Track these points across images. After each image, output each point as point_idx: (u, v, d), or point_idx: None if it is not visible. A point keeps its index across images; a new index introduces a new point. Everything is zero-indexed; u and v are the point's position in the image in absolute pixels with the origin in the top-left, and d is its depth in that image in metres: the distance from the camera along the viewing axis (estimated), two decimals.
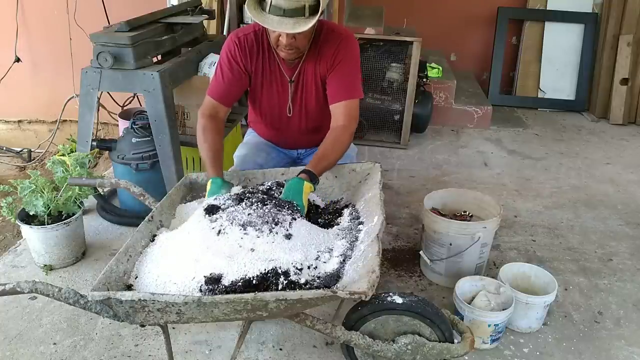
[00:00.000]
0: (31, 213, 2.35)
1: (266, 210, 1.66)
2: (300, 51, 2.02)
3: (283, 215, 1.66)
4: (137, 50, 2.49)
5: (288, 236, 1.60)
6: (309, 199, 1.88)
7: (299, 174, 1.87)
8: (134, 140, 2.69)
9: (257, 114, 2.32)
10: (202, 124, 2.06)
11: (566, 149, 4.04)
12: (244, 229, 1.60)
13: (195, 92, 2.85)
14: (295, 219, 1.67)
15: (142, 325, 1.60)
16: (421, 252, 2.32)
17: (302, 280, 1.50)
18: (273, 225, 1.61)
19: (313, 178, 1.86)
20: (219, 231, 1.61)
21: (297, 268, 1.52)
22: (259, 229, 1.59)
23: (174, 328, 2.02)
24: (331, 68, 2.06)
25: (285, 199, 1.76)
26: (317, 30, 2.06)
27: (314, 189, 1.86)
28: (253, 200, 1.71)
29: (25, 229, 2.35)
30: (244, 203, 1.70)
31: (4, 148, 4.57)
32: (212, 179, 1.90)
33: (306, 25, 1.81)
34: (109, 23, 3.66)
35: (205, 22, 3.30)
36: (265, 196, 1.76)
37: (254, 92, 2.20)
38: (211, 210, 1.71)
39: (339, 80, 2.07)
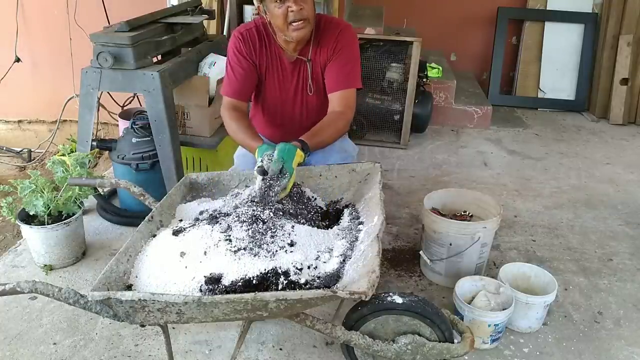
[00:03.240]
0: (31, 213, 2.35)
1: (261, 229, 1.63)
2: (309, 26, 2.01)
3: (282, 224, 1.66)
4: (137, 50, 2.49)
5: (291, 244, 1.61)
6: (308, 196, 1.88)
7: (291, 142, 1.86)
8: (134, 140, 2.69)
9: (258, 110, 2.33)
10: (228, 115, 2.10)
11: (566, 149, 4.04)
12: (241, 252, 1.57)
13: (195, 92, 2.85)
14: (294, 226, 1.67)
15: (142, 325, 1.60)
16: (421, 252, 2.32)
17: (302, 280, 1.50)
18: (270, 244, 1.59)
19: (305, 148, 1.86)
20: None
21: (297, 268, 1.52)
22: (256, 253, 1.55)
23: (174, 328, 2.02)
24: (332, 56, 2.09)
25: (279, 159, 1.76)
26: (316, 22, 2.09)
27: (304, 160, 1.86)
28: (243, 220, 1.67)
29: (25, 229, 2.35)
30: (237, 224, 1.66)
31: (4, 148, 4.57)
32: (259, 147, 1.89)
33: None
34: (109, 23, 3.66)
35: (205, 22, 3.30)
36: (256, 209, 1.72)
37: (257, 86, 2.22)
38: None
39: (338, 69, 2.09)
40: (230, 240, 1.58)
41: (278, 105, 2.24)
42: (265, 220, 1.66)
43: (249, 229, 1.61)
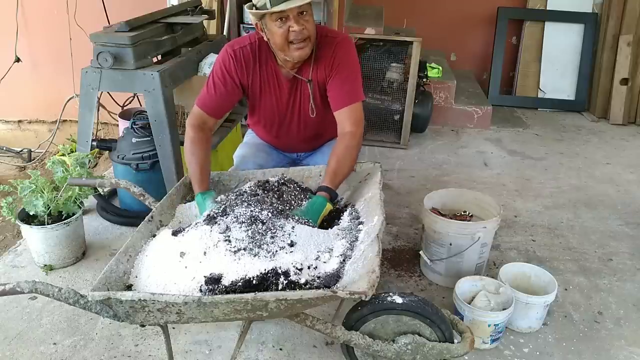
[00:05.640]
0: (31, 213, 2.35)
1: (261, 230, 1.63)
2: (311, 44, 1.96)
3: (282, 224, 1.66)
4: (137, 50, 2.49)
5: (291, 244, 1.60)
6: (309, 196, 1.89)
7: (318, 190, 1.90)
8: (134, 140, 2.69)
9: (256, 122, 2.31)
10: (191, 136, 2.03)
11: (566, 149, 4.04)
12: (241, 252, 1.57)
13: (195, 92, 2.81)
14: (294, 226, 1.67)
15: (142, 325, 1.60)
16: (421, 252, 2.32)
17: (302, 280, 1.50)
18: (270, 244, 1.58)
19: (333, 196, 1.90)
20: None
21: (297, 268, 1.52)
22: (256, 253, 1.55)
23: (174, 328, 2.02)
24: (330, 73, 2.03)
25: (301, 215, 1.77)
26: None
27: (334, 208, 1.91)
28: (242, 220, 1.66)
29: (25, 229, 2.35)
30: (235, 225, 1.65)
31: (4, 148, 4.57)
32: (197, 195, 1.92)
33: None
34: (109, 23, 3.66)
35: (205, 22, 3.30)
36: (254, 210, 1.72)
37: (252, 103, 2.19)
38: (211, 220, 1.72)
39: (340, 85, 2.03)
40: (230, 241, 1.58)
41: (275, 119, 2.21)
42: (265, 221, 1.65)
43: (248, 230, 1.61)
